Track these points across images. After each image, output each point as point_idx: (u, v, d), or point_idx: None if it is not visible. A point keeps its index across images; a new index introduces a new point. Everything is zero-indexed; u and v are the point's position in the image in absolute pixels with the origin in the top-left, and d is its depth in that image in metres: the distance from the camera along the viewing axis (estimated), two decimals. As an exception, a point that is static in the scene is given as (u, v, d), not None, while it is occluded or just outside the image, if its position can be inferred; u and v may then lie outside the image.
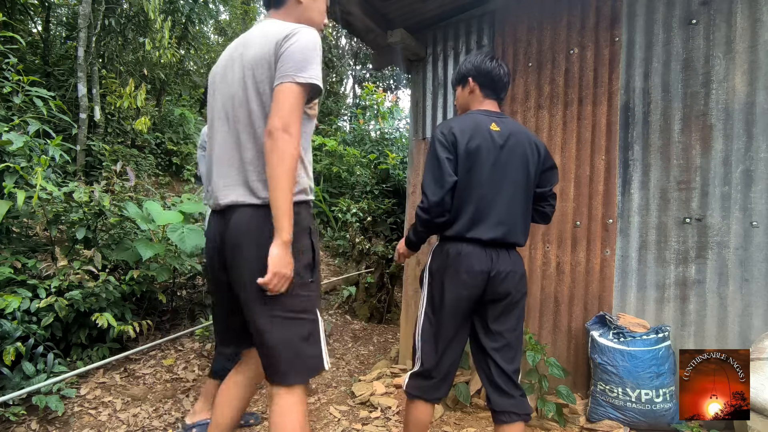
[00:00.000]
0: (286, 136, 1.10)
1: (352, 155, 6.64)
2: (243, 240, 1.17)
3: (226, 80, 1.26)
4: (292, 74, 1.13)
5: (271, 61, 1.16)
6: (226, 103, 1.25)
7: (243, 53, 1.23)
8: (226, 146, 1.25)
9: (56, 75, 5.22)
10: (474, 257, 1.50)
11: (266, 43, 1.18)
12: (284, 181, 1.09)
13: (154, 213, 2.98)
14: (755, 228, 2.00)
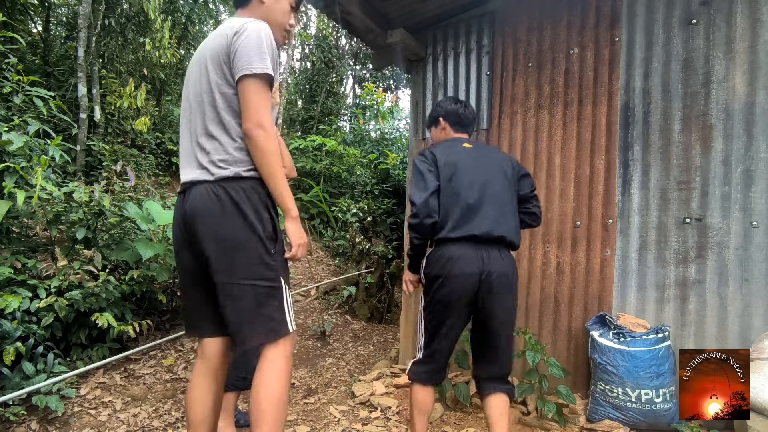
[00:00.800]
0: (261, 131, 1.21)
1: (352, 155, 6.65)
2: (203, 214, 1.24)
3: (191, 76, 1.37)
4: (248, 67, 1.21)
5: (221, 55, 1.26)
6: (189, 95, 1.36)
7: (202, 49, 1.34)
8: (184, 135, 1.36)
9: (56, 75, 5.22)
10: (466, 260, 1.60)
11: (219, 39, 1.28)
12: (275, 172, 1.24)
13: (154, 213, 2.98)
14: (755, 228, 2.00)
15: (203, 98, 1.30)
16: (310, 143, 6.87)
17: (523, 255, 2.59)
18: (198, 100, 1.32)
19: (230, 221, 1.23)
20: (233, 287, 1.23)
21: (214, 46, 1.29)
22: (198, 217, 1.25)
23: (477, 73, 2.86)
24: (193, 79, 1.36)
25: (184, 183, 1.33)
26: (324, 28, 9.33)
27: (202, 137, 1.30)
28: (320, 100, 8.98)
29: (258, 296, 1.24)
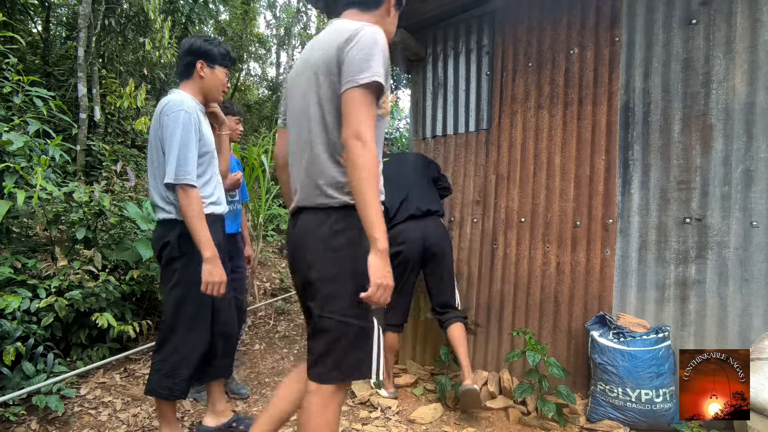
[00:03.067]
0: (359, 143, 1.08)
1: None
2: (308, 240, 1.21)
3: (297, 84, 1.30)
4: (354, 78, 1.11)
5: (332, 66, 1.16)
6: (295, 108, 1.30)
7: (309, 57, 1.26)
8: (295, 152, 1.30)
9: (56, 75, 5.22)
10: (411, 230, 2.40)
11: (329, 47, 1.18)
12: (366, 191, 1.07)
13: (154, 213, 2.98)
14: (755, 228, 2.00)
15: (310, 113, 1.22)
16: (310, 143, 6.86)
17: (523, 255, 2.60)
18: (306, 115, 1.24)
19: (338, 250, 1.17)
20: (323, 319, 1.19)
21: (324, 56, 1.20)
22: (302, 244, 1.24)
23: (477, 73, 2.86)
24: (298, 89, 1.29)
25: (293, 207, 1.31)
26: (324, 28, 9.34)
27: (313, 159, 1.22)
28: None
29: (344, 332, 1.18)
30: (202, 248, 1.61)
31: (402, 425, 2.20)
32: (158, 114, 1.67)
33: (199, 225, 1.61)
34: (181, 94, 1.71)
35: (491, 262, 2.72)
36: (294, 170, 1.30)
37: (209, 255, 1.61)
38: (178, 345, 1.73)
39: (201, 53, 1.75)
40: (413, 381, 2.67)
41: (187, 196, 1.60)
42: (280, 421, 1.35)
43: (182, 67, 1.77)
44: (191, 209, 1.60)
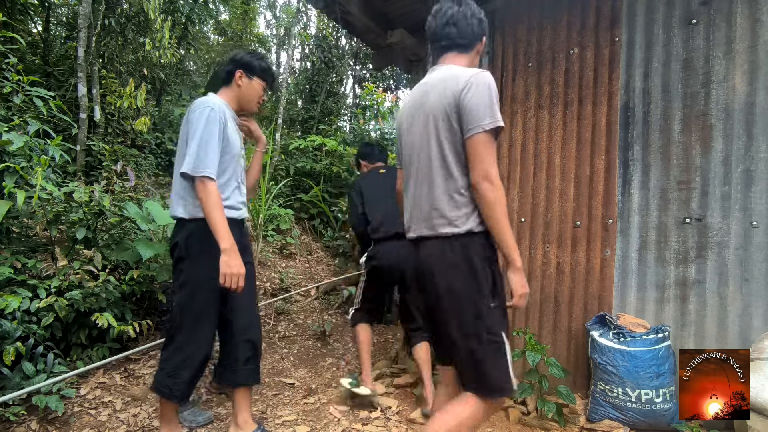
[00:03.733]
0: (488, 184, 1.25)
1: (352, 155, 6.64)
2: (435, 268, 1.34)
3: (414, 124, 1.43)
4: (480, 124, 1.26)
5: (451, 111, 1.31)
6: (414, 146, 1.43)
7: (426, 102, 1.39)
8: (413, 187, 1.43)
9: (56, 75, 5.22)
10: (397, 248, 2.39)
11: (445, 93, 1.32)
12: (501, 224, 1.26)
13: (154, 213, 2.99)
14: (755, 228, 2.00)
15: (431, 153, 1.36)
16: (310, 143, 6.87)
17: (523, 255, 2.59)
18: (426, 153, 1.38)
19: (460, 276, 1.30)
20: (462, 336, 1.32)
21: (440, 103, 1.33)
22: (433, 270, 1.34)
23: (477, 73, 2.86)
24: (415, 128, 1.42)
25: (415, 236, 1.42)
26: (324, 28, 9.33)
27: (433, 193, 1.35)
28: (320, 100, 8.98)
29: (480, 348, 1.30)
30: (219, 239, 1.59)
31: (402, 425, 2.20)
32: (187, 112, 1.74)
33: (217, 216, 1.60)
34: (214, 96, 1.79)
35: (491, 262, 2.72)
36: (412, 203, 1.43)
37: (227, 246, 1.59)
38: (182, 345, 1.73)
39: (242, 64, 1.84)
40: (413, 381, 2.67)
41: (204, 188, 1.61)
42: None
43: (223, 75, 1.87)
44: (209, 200, 1.60)
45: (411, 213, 1.44)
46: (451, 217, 1.32)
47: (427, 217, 1.37)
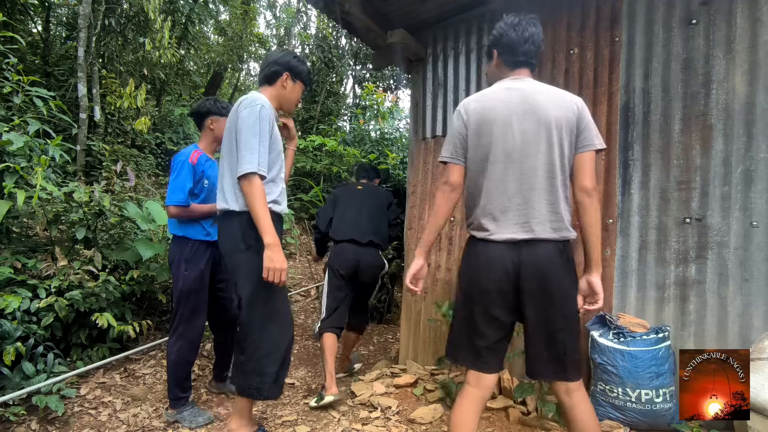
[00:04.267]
0: (595, 194, 1.44)
1: (352, 155, 6.64)
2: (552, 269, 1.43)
3: (521, 130, 1.45)
4: (595, 143, 1.45)
5: (573, 126, 1.45)
6: (515, 147, 1.45)
7: (538, 110, 1.45)
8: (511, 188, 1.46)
9: (56, 75, 5.22)
10: (346, 250, 2.75)
11: (568, 108, 1.45)
12: (599, 232, 1.47)
13: (154, 213, 2.99)
14: (755, 228, 2.00)
15: (551, 159, 1.44)
16: (310, 143, 6.87)
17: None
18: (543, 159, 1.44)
19: (568, 277, 1.45)
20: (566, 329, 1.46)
21: (564, 116, 1.44)
22: (550, 270, 1.42)
23: (477, 73, 2.86)
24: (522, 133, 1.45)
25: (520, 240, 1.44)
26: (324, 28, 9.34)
27: (555, 198, 1.44)
28: (320, 100, 8.98)
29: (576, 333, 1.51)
30: (264, 233, 1.63)
31: (402, 425, 2.20)
32: (236, 107, 1.75)
33: (262, 211, 1.63)
34: (260, 94, 1.81)
35: (491, 262, 2.72)
36: (511, 205, 1.45)
37: (271, 240, 1.63)
38: (258, 343, 1.70)
39: (290, 67, 1.89)
40: (413, 381, 2.67)
41: (250, 184, 1.63)
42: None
43: (269, 73, 1.88)
44: (254, 195, 1.63)
45: (522, 213, 1.44)
46: (568, 222, 1.46)
47: (546, 220, 1.43)
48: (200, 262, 2.23)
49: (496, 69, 1.62)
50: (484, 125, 1.49)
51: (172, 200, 2.18)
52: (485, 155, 1.49)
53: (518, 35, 1.52)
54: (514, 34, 1.52)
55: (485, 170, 1.49)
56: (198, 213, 2.23)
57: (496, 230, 1.46)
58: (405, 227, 3.19)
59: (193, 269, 2.19)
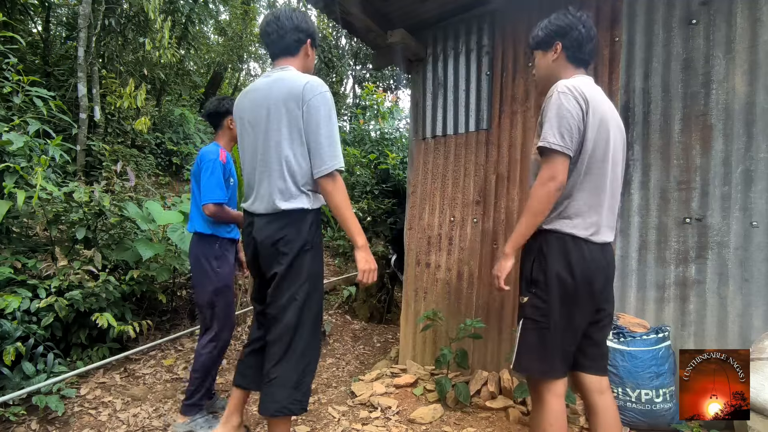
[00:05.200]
0: None
1: (352, 155, 6.64)
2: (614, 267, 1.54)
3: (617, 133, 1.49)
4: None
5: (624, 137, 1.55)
6: (618, 151, 1.49)
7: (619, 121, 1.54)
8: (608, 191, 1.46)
9: (56, 75, 5.22)
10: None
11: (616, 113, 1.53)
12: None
13: (154, 213, 2.99)
14: (755, 228, 2.00)
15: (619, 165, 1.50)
16: (310, 143, 6.86)
17: (523, 255, 2.59)
18: (619, 166, 1.50)
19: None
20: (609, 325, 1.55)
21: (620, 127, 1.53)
22: (614, 266, 1.53)
23: (477, 73, 2.86)
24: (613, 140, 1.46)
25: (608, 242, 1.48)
26: (324, 28, 9.33)
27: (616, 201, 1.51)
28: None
29: None
30: (357, 235, 1.52)
31: (402, 425, 2.20)
32: (298, 93, 1.48)
33: (350, 211, 1.52)
34: (311, 76, 1.55)
35: (491, 262, 2.72)
36: (609, 207, 1.46)
37: (363, 243, 1.53)
38: (305, 350, 1.54)
39: (312, 33, 1.66)
40: (413, 381, 2.67)
41: (336, 182, 1.49)
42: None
43: (290, 42, 1.60)
44: (342, 195, 1.49)
45: (612, 216, 1.49)
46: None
47: (611, 224, 1.50)
48: (230, 258, 2.21)
49: (554, 64, 1.54)
50: (600, 120, 1.40)
51: (212, 198, 2.05)
52: (604, 155, 1.41)
53: (588, 31, 1.47)
54: (584, 29, 1.46)
55: (592, 168, 1.40)
56: (228, 217, 2.15)
57: (601, 233, 1.44)
58: (405, 227, 3.19)
59: (224, 266, 2.16)
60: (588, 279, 1.38)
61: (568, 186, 1.41)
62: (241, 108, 1.64)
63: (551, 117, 1.38)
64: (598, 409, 1.44)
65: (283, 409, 1.49)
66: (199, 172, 2.14)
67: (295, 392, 1.50)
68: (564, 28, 1.49)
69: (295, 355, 1.52)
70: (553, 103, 1.39)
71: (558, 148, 1.36)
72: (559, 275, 1.38)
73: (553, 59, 1.54)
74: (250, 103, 1.60)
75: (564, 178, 1.38)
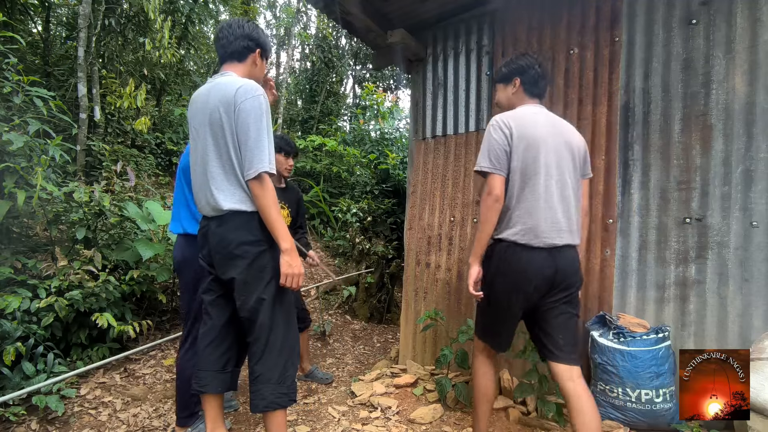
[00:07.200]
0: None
1: (352, 155, 6.65)
2: (574, 268, 1.70)
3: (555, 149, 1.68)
4: (588, 173, 1.83)
5: (582, 157, 1.78)
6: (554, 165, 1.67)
7: (562, 133, 1.72)
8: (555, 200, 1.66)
9: (56, 75, 5.22)
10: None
11: (579, 137, 1.78)
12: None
13: (154, 213, 2.99)
14: (755, 228, 2.00)
15: (574, 178, 1.73)
16: (310, 143, 6.87)
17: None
18: (570, 178, 1.71)
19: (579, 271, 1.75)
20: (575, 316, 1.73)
21: (578, 145, 1.77)
22: (570, 270, 1.67)
23: (477, 73, 2.86)
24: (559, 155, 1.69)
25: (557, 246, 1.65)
26: (324, 28, 9.34)
27: (574, 211, 1.71)
28: (320, 100, 8.99)
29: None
30: (280, 239, 1.52)
31: (402, 425, 2.20)
32: (225, 97, 1.53)
33: (277, 214, 1.52)
34: (250, 81, 1.58)
35: (491, 262, 2.72)
36: (550, 214, 1.65)
37: (288, 246, 1.53)
38: (282, 346, 1.59)
39: (261, 44, 1.71)
40: (413, 381, 2.67)
41: (263, 185, 1.50)
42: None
43: (239, 49, 1.66)
44: (269, 198, 1.50)
45: (561, 221, 1.66)
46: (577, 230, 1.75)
47: (576, 229, 1.71)
48: None
49: (513, 96, 1.85)
50: (530, 140, 1.66)
51: None
52: (535, 172, 1.66)
53: (542, 71, 1.81)
54: (539, 69, 1.80)
55: (526, 182, 1.66)
56: None
57: (550, 237, 1.64)
58: (405, 227, 3.19)
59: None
60: (524, 278, 1.63)
61: (508, 201, 1.68)
62: (190, 114, 1.69)
63: (483, 145, 1.73)
64: (571, 395, 1.60)
65: (272, 405, 1.55)
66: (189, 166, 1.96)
67: (279, 387, 1.56)
68: (523, 67, 1.80)
69: (274, 351, 1.57)
70: (485, 134, 1.73)
71: (487, 170, 1.69)
72: (498, 274, 1.69)
73: (513, 92, 1.84)
74: (193, 110, 1.65)
75: (499, 192, 1.67)
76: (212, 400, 1.66)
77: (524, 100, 1.82)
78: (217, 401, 1.66)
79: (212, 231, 1.60)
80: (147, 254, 2.71)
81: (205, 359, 1.65)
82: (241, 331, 1.66)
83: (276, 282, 1.57)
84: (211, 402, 1.66)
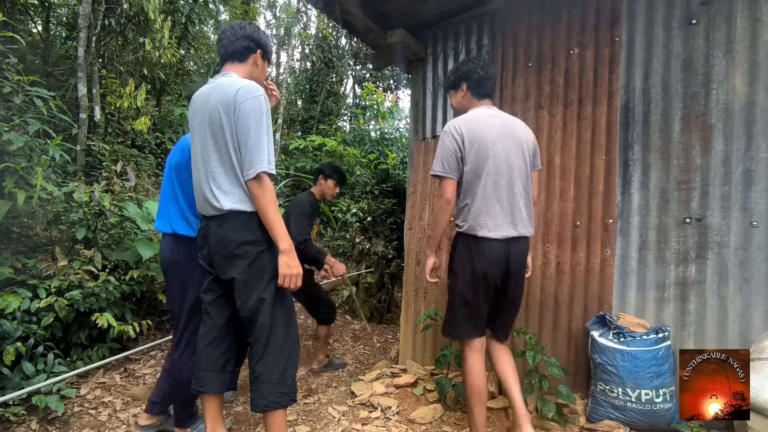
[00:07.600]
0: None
1: (352, 155, 6.64)
2: (524, 259, 1.92)
3: (504, 149, 1.82)
4: (540, 165, 2.03)
5: (532, 151, 1.92)
6: (504, 163, 1.81)
7: (514, 133, 1.86)
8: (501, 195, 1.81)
9: (56, 75, 5.22)
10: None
11: (528, 134, 1.92)
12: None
13: (154, 213, 2.99)
14: (755, 228, 2.00)
15: (527, 175, 1.89)
16: (310, 143, 6.87)
17: (523, 255, 2.59)
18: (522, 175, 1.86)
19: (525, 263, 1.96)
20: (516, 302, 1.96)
21: (529, 137, 1.94)
22: (521, 260, 1.88)
23: (477, 73, 2.85)
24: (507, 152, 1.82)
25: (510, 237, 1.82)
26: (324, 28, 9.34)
27: (529, 204, 1.88)
28: (320, 100, 8.99)
29: None
30: (279, 239, 1.52)
31: (402, 425, 2.20)
32: (226, 97, 1.53)
33: (277, 214, 1.53)
34: (251, 81, 1.59)
35: (491, 262, 2.72)
36: (502, 208, 1.81)
37: (287, 246, 1.53)
38: (283, 346, 1.59)
39: (262, 45, 1.72)
40: (413, 381, 2.67)
41: (262, 185, 1.50)
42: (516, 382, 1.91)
43: (240, 49, 1.67)
44: (267, 197, 1.51)
45: (510, 215, 1.81)
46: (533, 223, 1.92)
47: (527, 222, 1.86)
48: None
49: (463, 99, 1.96)
50: (480, 143, 1.78)
51: None
52: (487, 170, 1.79)
53: (486, 72, 1.91)
54: (482, 71, 1.90)
55: (479, 181, 1.79)
56: None
57: (499, 228, 1.80)
58: (405, 227, 3.19)
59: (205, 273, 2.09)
60: (486, 266, 1.80)
61: (466, 198, 1.82)
62: (190, 114, 1.69)
63: (437, 152, 1.85)
64: (495, 354, 1.96)
65: (272, 404, 1.55)
66: (184, 163, 1.89)
67: (280, 386, 1.56)
68: (467, 72, 1.91)
69: (275, 351, 1.57)
70: (439, 140, 1.86)
71: (440, 174, 1.82)
72: (465, 264, 1.83)
73: (462, 96, 1.96)
74: (194, 109, 1.65)
75: (449, 195, 1.81)
76: (212, 400, 1.65)
77: (473, 102, 1.94)
78: (216, 401, 1.66)
79: (212, 231, 1.59)
80: (147, 254, 2.71)
81: (205, 359, 1.64)
82: (240, 331, 1.66)
83: (276, 282, 1.57)
84: (210, 402, 1.65)
